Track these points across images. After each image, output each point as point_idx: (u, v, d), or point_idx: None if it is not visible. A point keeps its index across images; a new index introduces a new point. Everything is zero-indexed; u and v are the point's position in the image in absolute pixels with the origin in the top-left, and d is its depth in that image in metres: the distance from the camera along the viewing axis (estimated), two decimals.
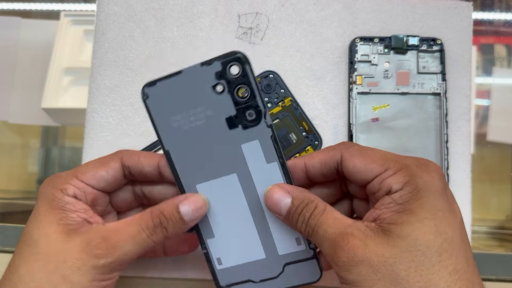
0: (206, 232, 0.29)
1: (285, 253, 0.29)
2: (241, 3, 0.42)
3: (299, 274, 0.29)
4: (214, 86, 0.26)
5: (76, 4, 0.73)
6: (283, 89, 0.40)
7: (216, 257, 0.30)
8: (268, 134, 0.27)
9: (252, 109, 0.27)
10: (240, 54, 0.26)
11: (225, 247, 0.29)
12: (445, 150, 0.39)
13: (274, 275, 0.29)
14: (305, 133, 0.39)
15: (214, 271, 0.30)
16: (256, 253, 0.29)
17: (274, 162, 0.28)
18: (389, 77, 0.41)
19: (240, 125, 0.27)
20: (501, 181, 0.54)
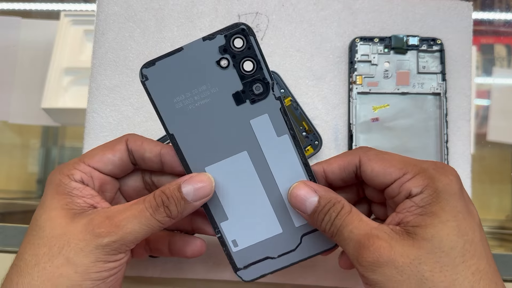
0: (219, 215, 0.28)
1: (301, 224, 0.29)
2: (241, 3, 0.42)
3: (316, 243, 0.29)
4: (219, 61, 0.25)
5: (76, 4, 0.73)
6: (283, 89, 0.40)
7: (231, 239, 0.29)
8: (277, 107, 0.27)
9: (259, 82, 0.26)
10: (244, 25, 0.25)
11: (240, 227, 0.29)
12: (445, 150, 0.39)
13: (293, 248, 0.29)
14: (305, 133, 0.39)
15: (230, 254, 0.29)
16: (273, 229, 0.29)
17: (285, 134, 0.27)
18: (389, 77, 0.41)
19: (247, 100, 0.26)
20: (501, 181, 0.54)
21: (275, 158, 0.28)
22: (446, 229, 0.23)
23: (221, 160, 0.27)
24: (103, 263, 0.25)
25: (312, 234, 0.29)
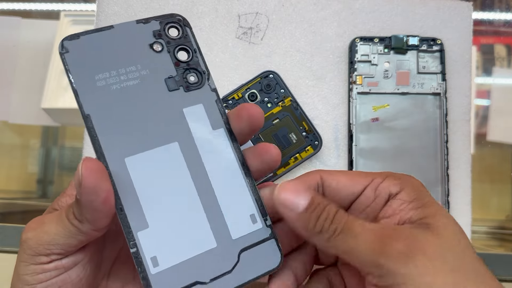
0: (137, 221, 0.22)
1: (239, 236, 0.24)
2: (241, 3, 0.42)
3: (257, 261, 0.23)
4: (152, 45, 0.24)
5: (76, 4, 0.73)
6: (283, 89, 0.40)
7: (151, 256, 0.22)
8: (213, 98, 0.25)
9: (194, 71, 0.24)
10: (180, 16, 0.24)
11: (163, 240, 0.22)
12: (445, 150, 0.39)
13: (229, 268, 0.23)
14: (305, 133, 0.39)
15: (147, 277, 0.21)
16: (204, 242, 0.23)
17: (220, 128, 0.25)
18: (389, 77, 0.41)
19: (181, 87, 0.24)
20: (501, 181, 0.54)
21: (209, 154, 0.24)
22: (446, 217, 0.22)
23: (146, 151, 0.23)
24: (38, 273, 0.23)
25: (252, 249, 0.24)
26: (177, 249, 0.22)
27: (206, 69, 0.25)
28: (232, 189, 0.24)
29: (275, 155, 0.25)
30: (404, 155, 0.40)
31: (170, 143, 0.23)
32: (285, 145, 0.39)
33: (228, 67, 0.42)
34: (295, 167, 0.39)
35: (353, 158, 0.39)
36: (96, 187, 0.20)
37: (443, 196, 0.39)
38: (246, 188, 0.25)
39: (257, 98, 0.39)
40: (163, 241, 0.22)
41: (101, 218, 0.21)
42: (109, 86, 0.22)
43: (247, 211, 0.24)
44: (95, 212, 0.21)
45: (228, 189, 0.24)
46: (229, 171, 0.24)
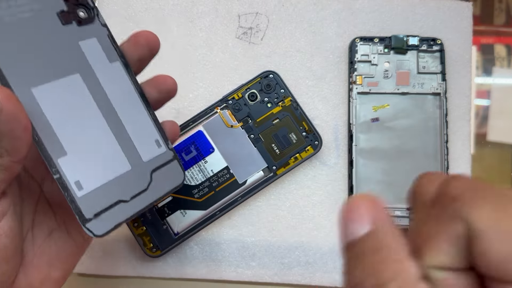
0: (55, 149, 0.23)
1: (149, 158, 0.26)
2: (241, 3, 0.42)
3: (166, 179, 0.27)
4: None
5: None
6: (283, 89, 0.40)
7: (74, 180, 0.23)
8: (104, 33, 0.26)
9: (83, 7, 0.25)
10: None
11: (83, 165, 0.24)
12: (445, 150, 0.39)
13: (145, 187, 0.26)
14: (305, 133, 0.39)
15: (74, 200, 0.23)
16: (120, 166, 0.25)
17: (116, 61, 0.26)
18: (389, 77, 0.41)
19: (74, 21, 0.25)
20: (501, 181, 0.54)
21: (110, 85, 0.25)
22: None
23: (51, 81, 0.23)
24: None
25: (160, 169, 0.27)
26: (97, 173, 0.24)
27: (94, 5, 0.25)
28: (135, 117, 0.26)
29: (171, 84, 0.28)
30: (404, 155, 0.40)
31: (72, 74, 0.24)
32: (285, 145, 0.39)
33: (228, 67, 0.42)
34: (295, 167, 0.39)
35: (353, 158, 0.39)
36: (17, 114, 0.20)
37: None
38: (148, 116, 0.27)
39: (257, 98, 0.39)
40: (83, 166, 0.24)
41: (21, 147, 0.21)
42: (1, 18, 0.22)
43: (152, 136, 0.27)
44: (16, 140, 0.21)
45: (132, 118, 0.26)
46: (130, 101, 0.26)
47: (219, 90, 0.41)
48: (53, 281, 0.26)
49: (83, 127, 0.24)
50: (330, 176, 0.40)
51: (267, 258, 0.39)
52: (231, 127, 0.39)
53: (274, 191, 0.40)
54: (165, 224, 0.38)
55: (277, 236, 0.40)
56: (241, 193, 0.39)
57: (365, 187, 0.40)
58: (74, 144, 0.23)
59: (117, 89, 0.26)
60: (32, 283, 0.25)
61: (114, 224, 0.24)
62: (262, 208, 0.40)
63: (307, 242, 0.40)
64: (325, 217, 0.40)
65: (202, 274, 0.39)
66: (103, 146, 0.25)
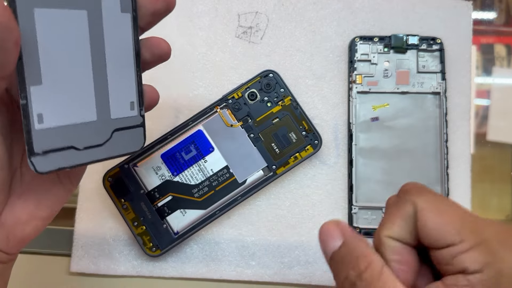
0: (32, 75, 0.22)
1: (117, 117, 0.26)
2: (241, 3, 0.42)
3: (125, 142, 0.26)
4: None
5: None
6: (283, 89, 0.40)
7: (37, 112, 0.23)
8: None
9: None
10: None
11: (52, 101, 0.23)
12: (444, 149, 0.39)
13: (100, 142, 0.25)
14: (305, 132, 0.39)
15: (30, 131, 0.22)
16: (87, 114, 0.25)
17: (128, 13, 0.25)
18: (389, 76, 0.41)
19: None
20: (501, 181, 0.54)
21: (112, 34, 0.25)
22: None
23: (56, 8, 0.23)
24: None
25: (123, 131, 0.26)
26: (62, 112, 0.23)
27: None
28: (122, 73, 0.26)
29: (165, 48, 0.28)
30: (404, 155, 0.40)
31: (80, 9, 0.24)
32: (285, 145, 0.39)
33: (227, 66, 0.42)
34: (294, 167, 0.39)
35: (352, 157, 0.39)
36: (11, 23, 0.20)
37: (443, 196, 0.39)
38: (134, 76, 0.26)
39: (257, 97, 0.39)
40: (52, 102, 0.23)
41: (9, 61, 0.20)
42: None
43: (129, 97, 0.26)
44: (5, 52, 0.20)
45: (119, 73, 0.26)
46: (124, 56, 0.26)
47: (219, 90, 0.41)
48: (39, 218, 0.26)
49: (68, 64, 0.23)
50: (330, 175, 0.40)
51: (267, 258, 0.39)
52: (231, 127, 0.39)
53: (274, 190, 0.40)
54: (165, 224, 0.38)
55: (277, 235, 0.40)
56: (241, 192, 0.39)
57: (364, 187, 0.40)
58: (52, 77, 0.23)
59: (116, 40, 0.25)
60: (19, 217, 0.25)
61: (58, 167, 0.23)
62: (262, 208, 0.40)
63: (307, 242, 0.40)
64: (325, 217, 0.40)
65: (202, 273, 0.39)
66: (79, 88, 0.24)
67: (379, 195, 0.39)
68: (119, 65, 0.26)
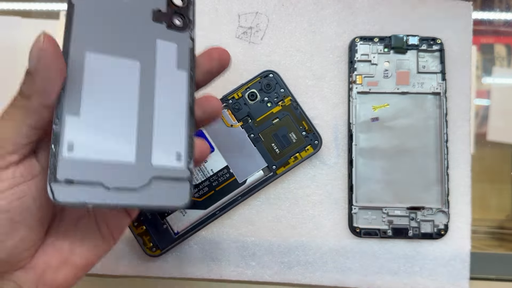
0: (71, 104, 0.22)
1: (159, 164, 0.24)
2: (241, 3, 0.42)
3: (165, 194, 0.24)
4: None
5: None
6: (283, 89, 0.40)
7: (69, 140, 0.22)
8: (188, 45, 0.26)
9: (181, 16, 0.26)
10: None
11: (87, 134, 0.22)
12: (445, 149, 0.39)
13: (135, 186, 0.23)
14: (305, 132, 0.39)
15: (56, 155, 0.21)
16: (124, 153, 0.23)
17: (184, 71, 0.26)
18: (389, 76, 0.41)
19: (165, 23, 0.26)
20: (501, 181, 0.54)
21: (164, 86, 0.25)
22: None
23: (109, 54, 0.24)
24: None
25: (165, 181, 0.24)
26: (97, 146, 0.22)
27: (194, 21, 0.26)
28: (171, 123, 0.25)
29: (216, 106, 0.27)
30: (404, 155, 0.40)
31: (133, 60, 0.24)
32: (285, 145, 0.39)
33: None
34: (295, 167, 0.39)
35: (353, 157, 0.39)
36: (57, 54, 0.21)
37: (443, 196, 0.39)
38: (185, 129, 0.25)
39: (257, 98, 0.39)
40: (86, 135, 0.22)
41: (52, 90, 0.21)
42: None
43: (176, 147, 0.25)
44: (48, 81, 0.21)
45: (167, 122, 0.25)
46: (176, 108, 0.25)
47: (219, 90, 0.41)
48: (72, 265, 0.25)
49: (112, 104, 0.23)
50: (330, 175, 0.40)
51: (267, 258, 0.39)
52: (231, 127, 0.39)
53: (274, 190, 0.40)
54: (165, 224, 0.38)
55: (277, 235, 0.40)
56: (241, 192, 0.39)
57: (365, 187, 0.40)
58: (91, 112, 0.23)
59: (169, 92, 0.25)
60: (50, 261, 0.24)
61: (79, 201, 0.22)
62: (262, 208, 0.40)
63: (307, 242, 0.40)
64: (325, 217, 0.40)
65: (202, 273, 0.39)
66: (119, 127, 0.23)
67: (379, 195, 0.39)
68: (169, 114, 0.25)
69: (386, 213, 0.39)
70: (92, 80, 0.23)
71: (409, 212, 0.39)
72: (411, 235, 0.39)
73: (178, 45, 0.26)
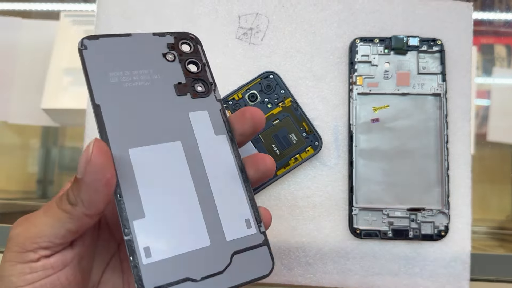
0: (134, 210, 0.22)
1: (233, 238, 0.24)
2: (241, 4, 0.42)
3: (249, 265, 0.24)
4: (165, 54, 0.26)
5: (76, 4, 0.73)
6: (283, 90, 0.40)
7: (144, 246, 0.22)
8: (217, 107, 0.26)
9: (201, 82, 0.26)
10: (193, 35, 0.27)
11: (158, 232, 0.22)
12: (445, 150, 0.39)
13: (221, 269, 0.23)
14: (305, 133, 0.39)
15: (138, 266, 0.21)
16: (199, 240, 0.23)
17: (223, 134, 0.26)
18: (389, 77, 0.41)
19: (189, 94, 0.26)
20: (501, 181, 0.54)
21: (210, 157, 0.25)
22: None
23: (150, 145, 0.24)
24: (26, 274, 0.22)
25: (244, 253, 0.24)
26: (171, 242, 0.22)
27: (213, 82, 0.27)
28: (229, 192, 0.25)
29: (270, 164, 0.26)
30: (404, 156, 0.40)
31: (174, 141, 0.24)
32: (285, 146, 0.39)
33: (228, 67, 0.42)
34: (295, 168, 0.39)
35: (353, 158, 0.39)
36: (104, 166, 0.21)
37: (444, 197, 0.39)
38: (243, 193, 0.25)
39: (257, 99, 0.39)
40: (158, 233, 0.22)
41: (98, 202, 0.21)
42: (122, 84, 0.24)
43: (243, 215, 0.25)
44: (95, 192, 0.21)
45: (226, 192, 0.25)
46: (228, 175, 0.25)
47: (219, 91, 0.41)
48: None
49: (170, 192, 0.23)
50: (330, 176, 0.40)
51: None
52: None
53: (274, 191, 0.40)
54: None
55: (277, 236, 0.40)
56: None
57: (365, 188, 0.40)
58: (155, 208, 0.22)
59: (216, 161, 0.25)
60: None
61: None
62: None
63: (307, 243, 0.40)
64: (325, 218, 0.40)
65: None
66: (185, 214, 0.23)
67: (379, 196, 0.39)
68: (225, 184, 0.25)
69: (387, 214, 0.39)
70: (144, 176, 0.23)
71: (410, 213, 0.39)
72: (412, 236, 0.39)
73: (209, 111, 0.26)
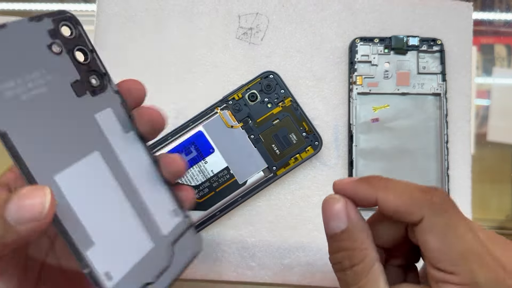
0: (83, 241, 0.21)
1: (169, 231, 0.25)
2: (241, 4, 0.42)
3: (186, 248, 0.26)
4: (50, 46, 0.22)
5: (76, 4, 0.73)
6: (283, 90, 0.40)
7: (104, 271, 0.21)
8: (118, 101, 0.24)
9: (94, 73, 0.23)
10: (69, 13, 0.23)
11: (109, 253, 0.22)
12: (445, 150, 0.39)
13: (168, 263, 0.25)
14: (305, 133, 0.39)
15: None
16: (144, 245, 0.24)
17: (131, 131, 0.25)
18: (389, 77, 0.41)
19: (88, 91, 0.23)
20: (501, 181, 0.54)
21: (127, 158, 0.24)
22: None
23: (72, 165, 0.22)
24: None
25: (180, 240, 0.26)
26: (124, 258, 0.23)
27: (106, 70, 0.24)
28: (153, 189, 0.25)
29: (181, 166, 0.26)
30: (404, 156, 0.40)
31: (92, 153, 0.23)
32: (285, 146, 0.39)
33: (228, 67, 0.42)
34: (295, 168, 0.39)
35: (353, 158, 0.39)
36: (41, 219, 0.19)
37: None
38: (163, 186, 0.26)
39: (257, 99, 0.39)
40: (109, 254, 0.22)
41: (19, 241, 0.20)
42: (19, 97, 0.20)
43: (169, 207, 0.26)
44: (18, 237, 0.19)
45: (151, 191, 0.25)
46: (147, 172, 0.25)
47: (219, 91, 0.41)
48: None
49: (107, 210, 0.23)
50: (330, 176, 0.40)
51: (267, 259, 0.40)
52: (231, 128, 0.39)
53: (274, 191, 0.40)
54: None
55: (277, 236, 0.40)
56: (241, 193, 0.39)
57: None
58: (100, 231, 0.22)
59: (134, 161, 0.25)
60: None
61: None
62: (262, 209, 0.40)
63: (307, 243, 0.40)
64: None
65: (202, 274, 0.39)
66: (127, 227, 0.23)
67: None
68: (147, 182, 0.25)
69: None
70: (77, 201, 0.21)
71: None
72: None
73: (112, 107, 0.24)
